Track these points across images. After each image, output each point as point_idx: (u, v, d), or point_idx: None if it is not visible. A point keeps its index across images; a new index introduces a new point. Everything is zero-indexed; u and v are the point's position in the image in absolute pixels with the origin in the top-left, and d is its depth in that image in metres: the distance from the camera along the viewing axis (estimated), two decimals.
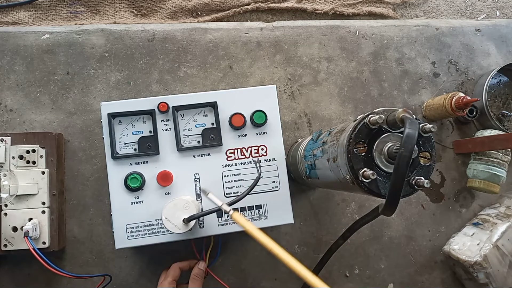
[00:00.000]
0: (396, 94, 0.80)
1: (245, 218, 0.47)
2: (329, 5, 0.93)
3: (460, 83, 0.82)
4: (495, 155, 0.73)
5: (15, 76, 0.73)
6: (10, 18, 0.86)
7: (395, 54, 0.81)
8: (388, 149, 0.41)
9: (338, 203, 0.76)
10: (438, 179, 0.79)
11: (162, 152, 0.59)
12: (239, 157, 0.60)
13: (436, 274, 0.77)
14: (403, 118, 0.38)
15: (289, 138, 0.76)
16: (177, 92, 0.75)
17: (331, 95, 0.78)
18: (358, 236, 0.75)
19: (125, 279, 0.70)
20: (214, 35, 0.78)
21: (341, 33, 0.81)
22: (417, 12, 0.96)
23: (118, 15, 0.88)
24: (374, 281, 0.75)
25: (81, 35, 0.75)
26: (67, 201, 0.70)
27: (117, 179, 0.58)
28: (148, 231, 0.58)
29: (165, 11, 0.90)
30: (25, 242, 0.60)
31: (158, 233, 0.58)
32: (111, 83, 0.74)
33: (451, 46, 0.83)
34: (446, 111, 0.72)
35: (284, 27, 0.80)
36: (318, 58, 0.79)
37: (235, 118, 0.59)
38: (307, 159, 0.57)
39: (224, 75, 0.77)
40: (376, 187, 0.41)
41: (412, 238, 0.77)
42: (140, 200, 0.58)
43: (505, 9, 0.98)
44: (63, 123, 0.72)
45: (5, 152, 0.65)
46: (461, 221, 0.78)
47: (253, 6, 0.91)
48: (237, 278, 0.72)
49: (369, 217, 0.46)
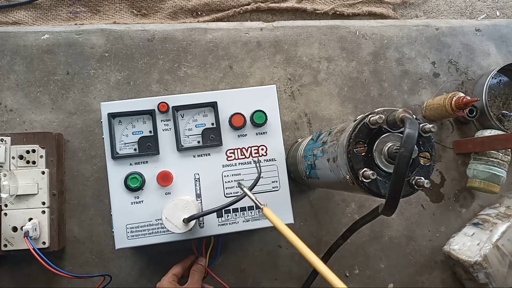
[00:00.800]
0: (396, 94, 0.80)
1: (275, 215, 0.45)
2: (329, 5, 0.93)
3: (460, 83, 0.82)
4: (495, 155, 0.73)
5: (15, 76, 0.73)
6: (10, 18, 0.86)
7: (395, 54, 0.81)
8: (388, 149, 0.41)
9: (338, 203, 0.76)
10: (438, 179, 0.79)
11: (162, 152, 0.59)
12: (239, 157, 0.60)
13: (436, 274, 0.77)
14: (403, 118, 0.38)
15: (289, 138, 0.76)
16: (177, 92, 0.75)
17: (331, 95, 0.78)
18: (358, 236, 0.75)
19: (125, 279, 0.70)
20: (214, 35, 0.78)
21: (341, 33, 0.81)
22: (417, 12, 0.96)
23: (118, 15, 0.88)
24: (374, 281, 0.75)
25: (81, 35, 0.75)
26: (67, 201, 0.70)
27: (117, 179, 0.58)
28: (148, 231, 0.58)
29: (165, 11, 0.90)
30: (25, 242, 0.60)
31: (158, 233, 0.58)
32: (111, 83, 0.74)
33: (451, 46, 0.83)
34: (446, 111, 0.72)
35: (284, 27, 0.80)
36: (318, 58, 0.79)
37: (235, 118, 0.59)
38: (307, 159, 0.57)
39: (224, 75, 0.77)
40: (376, 187, 0.41)
41: (412, 238, 0.77)
42: (140, 200, 0.58)
43: (505, 9, 0.98)
44: (63, 123, 0.72)
45: (5, 152, 0.65)
46: (461, 221, 0.78)
47: (253, 6, 0.91)
48: (237, 278, 0.72)
49: (369, 217, 0.46)
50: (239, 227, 0.59)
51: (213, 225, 0.58)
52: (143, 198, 0.58)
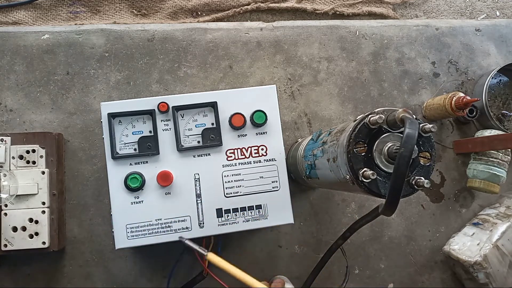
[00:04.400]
0: (396, 94, 0.80)
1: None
2: (329, 5, 0.93)
3: (460, 83, 0.82)
4: (495, 155, 0.73)
5: (15, 76, 0.73)
6: (10, 18, 0.86)
7: (395, 54, 0.81)
8: (388, 149, 0.41)
9: (338, 203, 0.76)
10: (438, 179, 0.79)
11: (162, 152, 0.59)
12: (239, 157, 0.60)
13: (436, 274, 0.77)
14: (403, 118, 0.38)
15: (289, 138, 0.76)
16: (177, 92, 0.75)
17: (331, 95, 0.78)
18: (358, 236, 0.75)
19: (125, 279, 0.70)
20: (214, 35, 0.78)
21: (341, 33, 0.81)
22: (417, 12, 0.96)
23: (118, 15, 0.88)
24: (374, 281, 0.75)
25: (81, 35, 0.75)
26: (67, 201, 0.70)
27: (117, 179, 0.58)
28: (148, 231, 0.58)
29: (165, 11, 0.90)
30: (25, 242, 0.60)
31: (158, 233, 0.58)
32: (111, 83, 0.74)
33: (451, 46, 0.83)
34: (446, 111, 0.72)
35: (284, 27, 0.80)
36: (318, 58, 0.79)
37: (235, 118, 0.59)
38: (307, 159, 0.57)
39: (224, 75, 0.77)
40: (376, 187, 0.41)
41: (412, 238, 0.77)
42: (140, 200, 0.58)
43: (505, 9, 0.98)
44: (63, 123, 0.72)
45: (5, 152, 0.65)
46: (461, 221, 0.78)
47: (253, 6, 0.91)
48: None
49: (369, 217, 0.46)
50: (239, 227, 0.59)
51: (213, 225, 0.58)
52: (143, 198, 0.58)
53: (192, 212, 0.58)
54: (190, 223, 0.58)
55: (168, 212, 0.58)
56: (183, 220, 0.58)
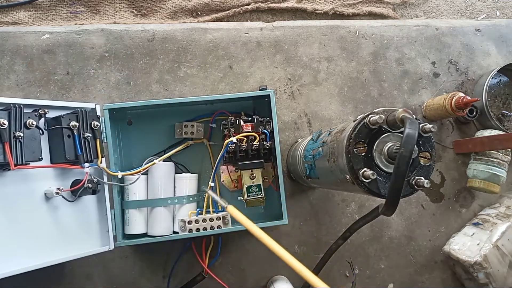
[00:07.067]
0: (396, 94, 0.80)
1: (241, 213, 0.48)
2: (329, 5, 0.93)
3: (460, 83, 0.82)
4: (495, 155, 0.73)
5: (15, 76, 0.73)
6: (10, 18, 0.86)
7: (395, 54, 0.81)
8: (388, 149, 0.41)
9: (338, 203, 0.76)
10: (438, 179, 0.79)
11: None
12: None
13: (436, 274, 0.77)
14: (403, 118, 0.38)
15: (289, 138, 0.76)
16: (177, 92, 0.75)
17: (331, 95, 0.78)
18: (358, 236, 0.75)
19: (125, 279, 0.70)
20: (214, 35, 0.78)
21: (341, 33, 0.81)
22: (417, 12, 0.96)
23: (118, 15, 0.88)
24: (374, 281, 0.75)
25: (81, 35, 0.75)
26: None
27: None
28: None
29: (165, 11, 0.90)
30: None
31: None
32: (111, 83, 0.74)
33: (451, 46, 0.83)
34: (446, 111, 0.72)
35: (284, 27, 0.80)
36: (318, 58, 0.79)
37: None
38: (307, 159, 0.57)
39: (224, 75, 0.77)
40: (376, 187, 0.41)
41: (412, 238, 0.77)
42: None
43: (505, 9, 0.98)
44: None
45: None
46: (461, 221, 0.78)
47: (253, 6, 0.91)
48: (237, 278, 0.72)
49: (369, 217, 0.46)
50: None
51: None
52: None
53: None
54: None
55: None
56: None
